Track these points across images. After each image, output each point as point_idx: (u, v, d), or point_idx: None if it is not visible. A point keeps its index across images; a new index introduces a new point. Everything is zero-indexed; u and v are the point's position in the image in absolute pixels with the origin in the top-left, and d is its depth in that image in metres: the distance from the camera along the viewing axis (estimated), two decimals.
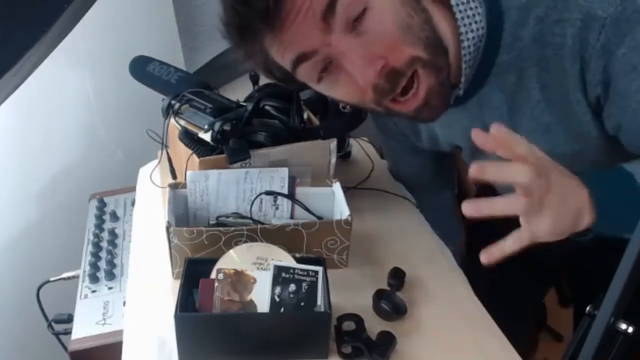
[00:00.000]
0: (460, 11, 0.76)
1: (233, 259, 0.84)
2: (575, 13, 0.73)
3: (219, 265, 0.82)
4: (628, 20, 0.70)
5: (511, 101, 0.83)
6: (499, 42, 0.79)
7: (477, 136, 0.64)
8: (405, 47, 0.74)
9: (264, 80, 1.10)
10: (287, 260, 0.84)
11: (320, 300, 0.79)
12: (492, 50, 0.79)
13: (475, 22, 0.77)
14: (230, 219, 0.96)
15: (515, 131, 0.86)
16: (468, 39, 0.77)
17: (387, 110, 0.80)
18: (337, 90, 0.80)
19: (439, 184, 1.26)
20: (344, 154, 1.25)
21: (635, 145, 0.80)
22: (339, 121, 1.07)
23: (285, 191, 0.96)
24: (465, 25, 0.77)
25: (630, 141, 0.80)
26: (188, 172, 0.95)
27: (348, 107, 1.00)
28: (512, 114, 0.85)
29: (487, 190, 1.19)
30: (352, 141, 1.29)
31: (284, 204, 0.97)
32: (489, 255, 0.66)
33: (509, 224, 0.78)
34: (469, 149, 0.97)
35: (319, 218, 0.97)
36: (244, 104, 1.00)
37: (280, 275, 0.79)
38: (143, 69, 1.09)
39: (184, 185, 0.95)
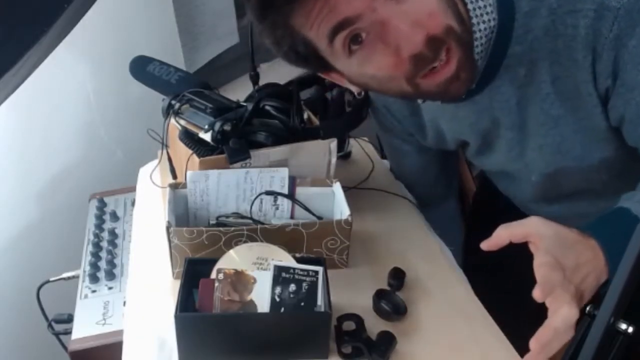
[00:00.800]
0: (471, 1, 0.76)
1: (233, 259, 0.84)
2: (588, 4, 0.73)
3: (219, 265, 0.82)
4: None
5: (521, 94, 0.83)
6: (511, 33, 0.78)
7: (483, 244, 0.69)
8: (442, 17, 0.73)
9: (264, 80, 1.11)
10: (287, 260, 0.84)
11: (320, 300, 0.79)
12: (503, 41, 0.79)
13: (487, 13, 0.77)
14: (230, 219, 0.96)
15: (525, 124, 0.86)
16: (480, 30, 0.77)
17: (415, 88, 0.78)
18: (371, 64, 0.77)
19: (442, 185, 1.26)
20: (344, 154, 1.25)
21: (635, 139, 0.80)
22: (339, 121, 1.07)
23: (285, 191, 0.96)
24: (477, 16, 0.76)
25: (631, 134, 0.80)
26: (188, 172, 0.95)
27: (362, 94, 0.98)
28: (522, 107, 0.84)
29: (487, 189, 1.19)
30: (352, 141, 1.28)
31: (284, 204, 0.97)
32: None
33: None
34: (476, 145, 0.96)
35: (319, 218, 0.97)
36: (244, 104, 1.00)
37: (281, 275, 0.79)
38: (143, 69, 1.09)
39: (184, 185, 0.95)
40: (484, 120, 0.90)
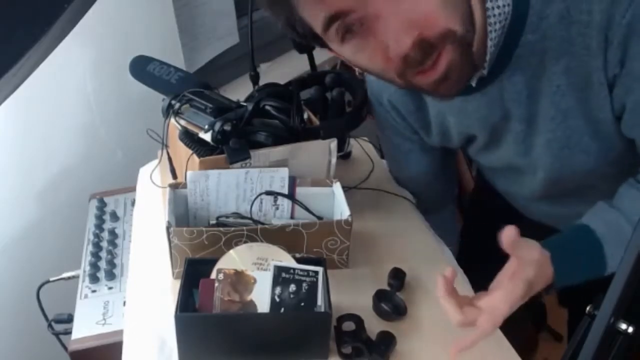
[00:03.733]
0: None
1: (233, 259, 0.84)
2: None
3: (219, 265, 0.82)
4: None
5: (532, 86, 0.82)
6: (525, 20, 0.77)
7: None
8: (441, 19, 0.70)
9: (264, 80, 1.11)
10: (287, 260, 0.84)
11: (320, 301, 0.79)
12: (517, 29, 0.77)
13: None
14: (230, 219, 0.96)
15: (534, 119, 0.85)
16: (494, 15, 0.75)
17: (407, 83, 0.77)
18: (362, 55, 0.76)
19: (440, 187, 1.23)
20: (344, 154, 1.25)
21: (630, 130, 0.80)
22: (339, 121, 1.07)
23: (285, 191, 0.96)
24: (491, 0, 0.75)
25: (627, 124, 0.79)
26: (188, 172, 0.95)
27: (364, 74, 0.98)
28: (532, 100, 0.83)
29: (485, 184, 1.19)
30: (352, 141, 1.29)
31: (284, 204, 0.97)
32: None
33: (505, 223, 0.78)
34: (484, 139, 0.94)
35: (319, 218, 0.97)
36: (244, 104, 1.00)
37: (281, 276, 0.79)
38: (143, 69, 1.09)
39: (184, 185, 0.95)
40: (494, 113, 0.87)
